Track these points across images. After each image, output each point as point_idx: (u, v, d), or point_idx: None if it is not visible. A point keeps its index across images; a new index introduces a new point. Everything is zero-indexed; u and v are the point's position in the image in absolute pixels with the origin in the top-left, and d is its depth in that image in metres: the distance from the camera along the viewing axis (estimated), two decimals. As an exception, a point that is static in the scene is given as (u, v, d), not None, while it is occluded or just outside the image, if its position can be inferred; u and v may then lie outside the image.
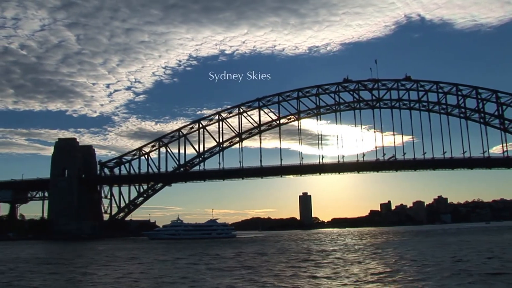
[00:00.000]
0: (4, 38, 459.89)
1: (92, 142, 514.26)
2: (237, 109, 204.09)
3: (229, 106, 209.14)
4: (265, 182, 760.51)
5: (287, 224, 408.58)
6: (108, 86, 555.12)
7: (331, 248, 78.07)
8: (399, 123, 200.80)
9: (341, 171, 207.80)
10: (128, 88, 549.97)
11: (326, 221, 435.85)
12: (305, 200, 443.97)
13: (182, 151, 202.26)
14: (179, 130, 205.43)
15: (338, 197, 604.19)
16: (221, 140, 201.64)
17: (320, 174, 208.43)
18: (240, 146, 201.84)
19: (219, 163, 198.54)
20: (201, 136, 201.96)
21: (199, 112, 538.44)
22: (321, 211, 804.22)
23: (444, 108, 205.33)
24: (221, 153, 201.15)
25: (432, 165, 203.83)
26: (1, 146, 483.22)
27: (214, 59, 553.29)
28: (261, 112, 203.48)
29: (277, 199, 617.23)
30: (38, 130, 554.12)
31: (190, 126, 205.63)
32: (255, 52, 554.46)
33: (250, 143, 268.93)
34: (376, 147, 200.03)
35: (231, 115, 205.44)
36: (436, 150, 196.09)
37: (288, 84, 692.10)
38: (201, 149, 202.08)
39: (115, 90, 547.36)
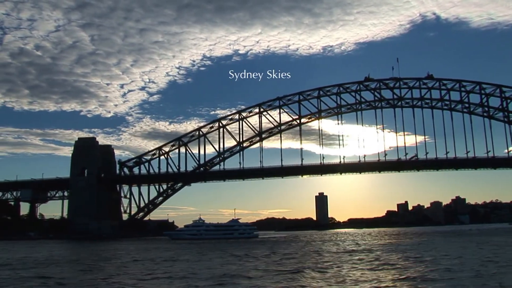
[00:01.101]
0: (19, 39, 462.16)
1: (106, 142, 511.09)
2: (258, 108, 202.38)
3: (243, 107, 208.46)
4: (279, 183, 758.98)
5: (303, 224, 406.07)
6: (122, 86, 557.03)
7: (364, 248, 76.09)
8: (420, 123, 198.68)
9: (362, 171, 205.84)
10: (142, 88, 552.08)
11: (342, 221, 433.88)
12: (321, 200, 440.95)
13: (202, 150, 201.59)
14: (198, 129, 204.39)
15: (354, 197, 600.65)
16: (241, 140, 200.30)
17: (340, 173, 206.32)
18: (260, 146, 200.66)
19: (240, 163, 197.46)
20: (221, 135, 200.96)
21: (213, 112, 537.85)
22: (337, 211, 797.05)
23: (466, 107, 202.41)
24: (241, 152, 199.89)
25: (454, 165, 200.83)
26: (16, 146, 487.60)
27: (228, 59, 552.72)
28: (281, 111, 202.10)
29: (291, 200, 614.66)
30: (53, 130, 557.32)
31: (210, 125, 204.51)
32: (269, 52, 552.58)
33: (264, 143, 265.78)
34: (397, 146, 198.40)
35: (251, 114, 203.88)
36: (457, 150, 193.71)
37: (302, 84, 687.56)
38: (221, 149, 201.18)
39: (129, 90, 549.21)
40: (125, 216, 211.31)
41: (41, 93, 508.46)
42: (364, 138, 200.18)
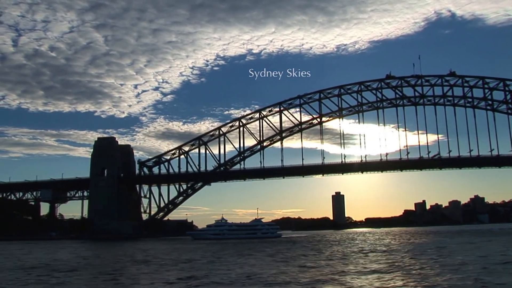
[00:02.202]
0: (34, 41, 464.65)
1: (120, 142, 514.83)
2: (278, 106, 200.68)
3: (257, 106, 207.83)
4: (292, 183, 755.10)
5: (319, 224, 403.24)
6: (136, 86, 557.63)
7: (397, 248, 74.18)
8: (441, 121, 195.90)
9: (384, 170, 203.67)
10: (156, 89, 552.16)
11: (359, 221, 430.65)
12: (338, 200, 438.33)
13: (222, 150, 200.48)
14: (218, 128, 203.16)
15: (370, 196, 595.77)
16: (261, 139, 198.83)
17: (362, 172, 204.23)
18: (281, 145, 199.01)
19: (260, 162, 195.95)
20: (241, 134, 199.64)
21: (227, 112, 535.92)
22: (353, 211, 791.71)
23: (490, 104, 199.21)
24: (261, 151, 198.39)
25: (478, 163, 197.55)
26: (32, 147, 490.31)
27: (242, 59, 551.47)
28: (302, 110, 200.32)
29: (305, 199, 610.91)
30: (67, 131, 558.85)
31: (230, 124, 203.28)
32: (282, 51, 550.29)
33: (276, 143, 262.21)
34: (419, 145, 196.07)
35: (271, 113, 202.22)
36: (480, 148, 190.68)
37: (318, 83, 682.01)
38: (241, 148, 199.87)
39: (143, 91, 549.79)
40: (144, 216, 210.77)
41: (55, 94, 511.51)
42: (385, 137, 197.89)
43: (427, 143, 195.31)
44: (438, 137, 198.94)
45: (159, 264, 52.57)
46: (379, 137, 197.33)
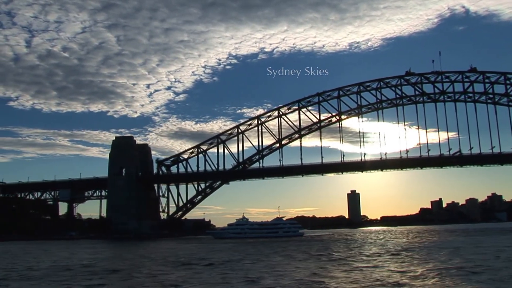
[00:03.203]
0: (47, 41, 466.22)
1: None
2: (297, 104, 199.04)
3: (270, 105, 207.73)
4: (304, 181, 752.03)
5: (334, 222, 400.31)
6: (148, 86, 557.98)
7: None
8: (461, 117, 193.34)
9: (404, 167, 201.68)
10: (168, 88, 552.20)
11: (374, 219, 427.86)
12: (353, 198, 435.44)
13: (240, 148, 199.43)
14: (237, 126, 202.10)
15: (386, 194, 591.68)
16: (280, 137, 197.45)
17: (382, 170, 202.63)
18: (300, 143, 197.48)
19: (280, 160, 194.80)
20: (260, 133, 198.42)
21: (239, 111, 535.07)
22: (368, 209, 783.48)
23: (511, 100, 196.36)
24: (280, 150, 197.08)
25: (500, 160, 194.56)
26: (45, 147, 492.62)
27: (254, 57, 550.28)
28: (321, 108, 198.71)
29: (319, 198, 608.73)
30: (80, 131, 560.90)
31: (249, 122, 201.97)
32: (294, 50, 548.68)
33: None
34: (439, 142, 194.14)
35: (289, 111, 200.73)
36: (502, 145, 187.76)
37: (333, 81, 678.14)
38: (260, 146, 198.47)
39: (155, 90, 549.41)
40: (162, 215, 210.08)
41: (68, 94, 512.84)
42: (404, 135, 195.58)
43: (448, 139, 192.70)
44: (458, 134, 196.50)
45: (209, 266, 51.07)
46: (398, 135, 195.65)
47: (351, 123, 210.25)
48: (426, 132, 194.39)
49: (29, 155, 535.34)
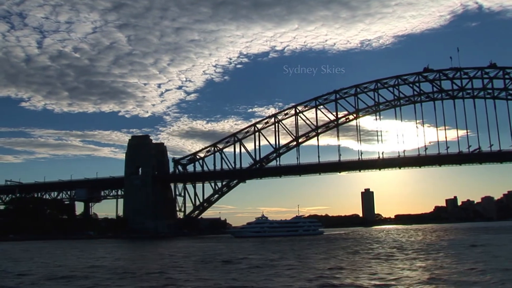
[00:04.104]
0: (58, 42, 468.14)
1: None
2: (314, 102, 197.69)
3: (281, 104, 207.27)
4: (315, 180, 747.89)
5: (348, 220, 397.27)
6: (159, 86, 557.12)
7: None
8: (481, 113, 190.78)
9: (422, 165, 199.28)
10: (179, 88, 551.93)
11: (388, 217, 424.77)
12: (367, 197, 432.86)
13: (257, 147, 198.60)
14: (254, 125, 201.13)
15: (400, 192, 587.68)
16: (297, 135, 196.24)
17: (399, 168, 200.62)
18: (317, 141, 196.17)
19: (297, 158, 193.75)
20: (277, 131, 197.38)
21: (250, 110, 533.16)
22: (382, 208, 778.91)
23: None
24: (297, 148, 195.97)
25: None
26: (57, 147, 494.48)
27: (265, 56, 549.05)
28: (338, 106, 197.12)
29: (330, 197, 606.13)
30: (92, 131, 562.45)
31: (265, 120, 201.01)
32: (306, 48, 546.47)
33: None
34: (458, 138, 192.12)
35: (306, 108, 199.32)
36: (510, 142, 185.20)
37: (346, 79, 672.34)
38: (277, 144, 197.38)
39: (166, 90, 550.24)
40: (178, 215, 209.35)
41: (80, 94, 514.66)
42: (423, 132, 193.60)
43: (467, 136, 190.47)
44: (477, 131, 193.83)
45: (255, 265, 49.93)
46: (416, 132, 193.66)
47: (366, 121, 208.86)
48: (445, 129, 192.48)
49: (42, 156, 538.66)
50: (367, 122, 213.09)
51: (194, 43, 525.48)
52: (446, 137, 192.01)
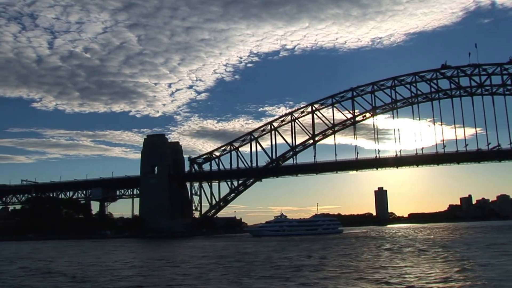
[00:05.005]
0: (69, 42, 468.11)
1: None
2: (330, 100, 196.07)
3: (292, 103, 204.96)
4: (325, 179, 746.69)
5: (362, 219, 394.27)
6: (170, 85, 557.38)
7: None
8: (500, 110, 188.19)
9: (441, 163, 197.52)
10: (190, 87, 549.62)
11: (402, 216, 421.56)
12: (380, 195, 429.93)
13: (273, 145, 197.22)
14: (270, 123, 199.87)
15: (412, 191, 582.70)
16: (313, 133, 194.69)
17: (417, 166, 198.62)
18: (334, 139, 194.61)
19: (314, 156, 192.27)
20: (293, 129, 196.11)
21: (261, 109, 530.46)
22: (395, 206, 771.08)
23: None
24: (314, 146, 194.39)
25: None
26: (69, 148, 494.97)
27: (275, 55, 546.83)
28: (355, 104, 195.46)
29: (341, 196, 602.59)
30: (103, 131, 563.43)
31: (281, 119, 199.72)
32: (316, 46, 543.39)
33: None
34: (476, 133, 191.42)
35: (323, 106, 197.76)
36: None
37: (356, 78, 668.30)
38: (293, 143, 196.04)
39: (177, 89, 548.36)
40: (194, 214, 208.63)
41: (90, 94, 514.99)
42: (441, 130, 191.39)
43: (487, 134, 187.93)
44: (496, 128, 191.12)
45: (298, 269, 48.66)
46: (434, 130, 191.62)
47: (379, 120, 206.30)
48: (464, 126, 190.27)
49: (53, 156, 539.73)
50: (379, 120, 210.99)
51: (204, 42, 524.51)
52: (464, 134, 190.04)
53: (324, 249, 68.09)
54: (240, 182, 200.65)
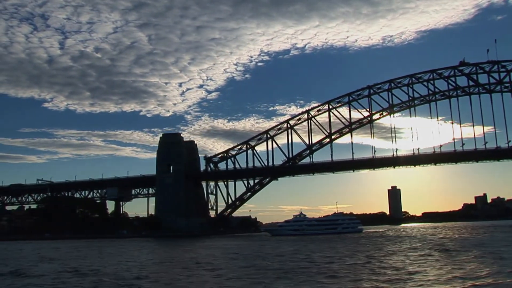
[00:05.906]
0: (80, 42, 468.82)
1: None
2: (347, 98, 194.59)
3: (302, 102, 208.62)
4: (337, 178, 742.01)
5: (375, 218, 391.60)
6: (180, 85, 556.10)
7: None
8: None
9: (459, 161, 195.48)
10: (200, 86, 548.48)
11: (415, 215, 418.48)
12: (394, 194, 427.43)
13: (289, 144, 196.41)
14: (287, 121, 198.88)
15: (426, 190, 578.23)
16: (330, 131, 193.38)
17: (435, 164, 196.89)
18: (351, 138, 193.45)
19: (331, 155, 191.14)
20: (309, 127, 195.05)
21: (272, 108, 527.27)
22: (409, 205, 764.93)
23: None
24: (330, 144, 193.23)
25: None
26: (80, 147, 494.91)
27: (286, 53, 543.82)
28: (372, 102, 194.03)
29: (352, 195, 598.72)
30: (113, 131, 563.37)
31: (298, 117, 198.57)
32: (327, 45, 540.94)
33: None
34: (495, 130, 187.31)
35: (339, 104, 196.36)
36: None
37: (367, 77, 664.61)
38: (309, 141, 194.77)
39: (188, 89, 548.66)
40: (210, 213, 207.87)
41: (101, 94, 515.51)
42: (459, 128, 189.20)
43: (506, 131, 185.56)
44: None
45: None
46: (452, 128, 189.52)
47: (388, 119, 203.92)
48: (483, 125, 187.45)
49: (65, 156, 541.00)
50: (394, 119, 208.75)
51: (215, 42, 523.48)
52: (483, 132, 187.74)
53: (362, 250, 66.65)
54: (256, 181, 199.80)
